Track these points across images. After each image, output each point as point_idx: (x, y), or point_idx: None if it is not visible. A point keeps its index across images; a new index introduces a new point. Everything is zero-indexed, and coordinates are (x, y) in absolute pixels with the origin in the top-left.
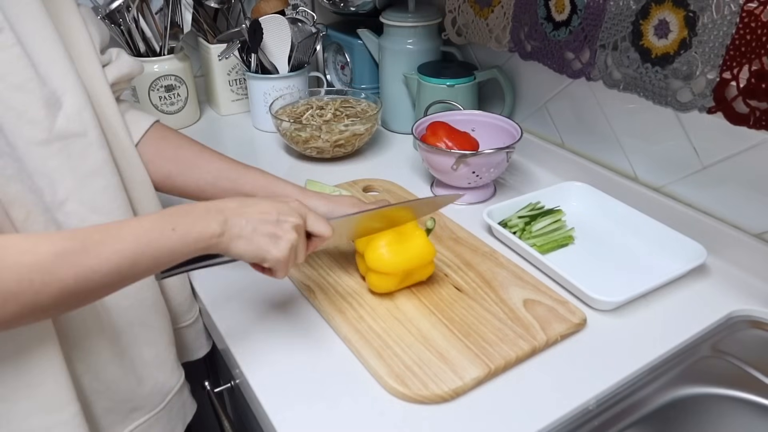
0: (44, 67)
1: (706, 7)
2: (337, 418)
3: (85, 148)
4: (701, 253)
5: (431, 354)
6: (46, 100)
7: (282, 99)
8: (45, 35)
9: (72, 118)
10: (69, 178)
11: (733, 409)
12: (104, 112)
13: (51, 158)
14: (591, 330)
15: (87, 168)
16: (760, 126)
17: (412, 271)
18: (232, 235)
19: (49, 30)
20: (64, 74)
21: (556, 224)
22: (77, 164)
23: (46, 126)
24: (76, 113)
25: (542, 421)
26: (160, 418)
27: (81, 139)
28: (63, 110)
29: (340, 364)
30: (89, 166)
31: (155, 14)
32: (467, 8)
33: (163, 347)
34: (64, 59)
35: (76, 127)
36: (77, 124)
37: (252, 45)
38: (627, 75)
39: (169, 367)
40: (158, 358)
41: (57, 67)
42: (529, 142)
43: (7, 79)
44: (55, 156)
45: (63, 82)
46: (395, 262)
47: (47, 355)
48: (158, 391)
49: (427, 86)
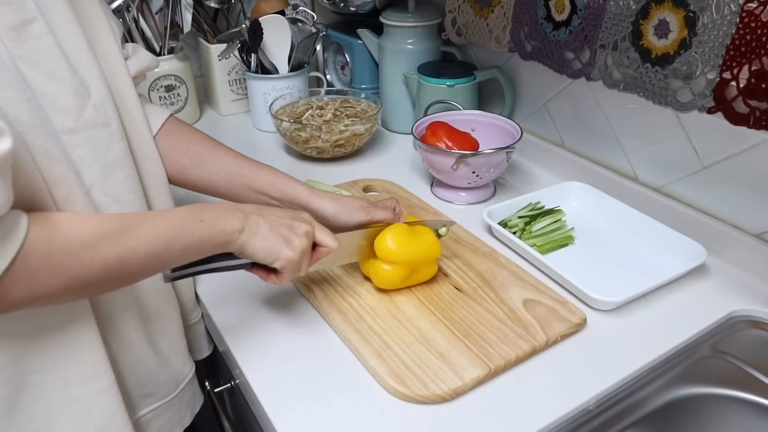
0: (73, 58)
1: (706, 7)
2: (336, 418)
3: (109, 138)
4: (701, 253)
5: (431, 354)
6: (76, 89)
7: (282, 99)
8: (71, 27)
9: (98, 108)
10: (94, 168)
11: (733, 409)
12: (125, 104)
13: (79, 147)
14: (591, 330)
15: (110, 158)
16: (760, 126)
17: (417, 266)
18: (251, 232)
19: (74, 23)
20: (89, 65)
21: (556, 224)
22: (102, 154)
23: (75, 115)
24: (101, 104)
25: (542, 421)
26: (171, 405)
27: (105, 129)
28: (91, 100)
29: (340, 364)
30: (112, 157)
31: (155, 14)
32: (467, 8)
33: (177, 337)
34: (88, 51)
35: (102, 117)
36: (102, 114)
37: (252, 45)
38: (627, 75)
39: (182, 356)
40: (173, 347)
41: (83, 58)
42: (529, 142)
43: (40, 67)
44: (83, 145)
45: (89, 72)
46: (403, 252)
47: (85, 328)
48: (173, 379)
49: (427, 86)
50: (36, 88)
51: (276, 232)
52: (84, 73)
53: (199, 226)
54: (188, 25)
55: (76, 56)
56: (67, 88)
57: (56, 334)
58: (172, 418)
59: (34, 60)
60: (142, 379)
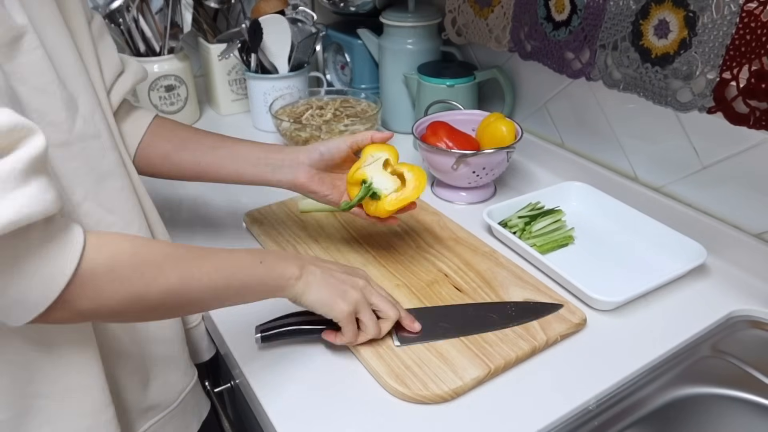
0: (63, 70)
1: (706, 7)
2: (336, 418)
3: (101, 149)
4: (701, 253)
5: (431, 354)
6: (66, 102)
7: (282, 99)
8: (61, 38)
9: (87, 120)
10: (88, 180)
11: (733, 409)
12: (108, 116)
13: (71, 160)
14: (591, 330)
15: (104, 169)
16: (760, 126)
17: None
18: (308, 281)
19: (65, 33)
20: (77, 76)
21: (556, 224)
22: (95, 165)
23: (66, 128)
24: (90, 116)
25: (542, 421)
26: (174, 415)
27: (96, 140)
28: (80, 112)
29: (340, 364)
30: (105, 167)
31: (155, 14)
32: (467, 8)
33: (178, 347)
34: (77, 63)
35: (92, 129)
36: (92, 126)
37: (252, 45)
38: (627, 75)
39: (183, 366)
40: (172, 356)
41: (72, 69)
42: (529, 142)
43: (31, 82)
44: (75, 158)
45: (77, 84)
46: None
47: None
48: (175, 388)
49: (427, 86)
50: (28, 104)
51: (331, 283)
52: (72, 86)
53: (259, 267)
54: (188, 25)
55: (66, 68)
56: (57, 102)
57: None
58: (178, 426)
59: (24, 75)
60: (143, 392)
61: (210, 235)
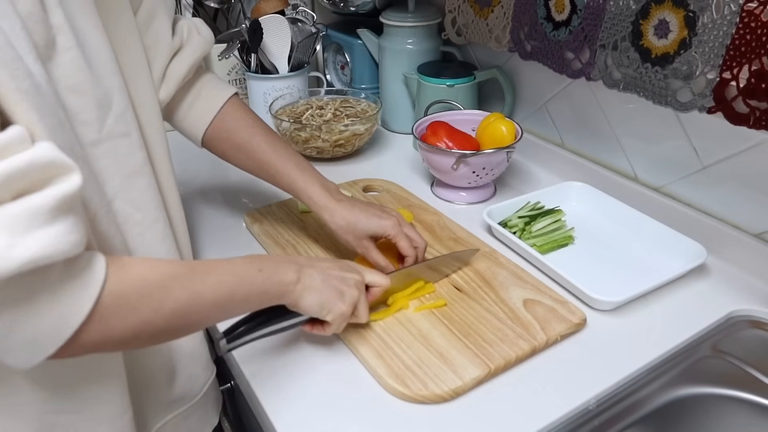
0: (98, 69)
1: (706, 7)
2: (336, 418)
3: (130, 147)
4: (701, 253)
5: (431, 354)
6: (99, 101)
7: (282, 99)
8: (97, 34)
9: (119, 118)
10: (116, 178)
11: (733, 409)
12: (146, 113)
13: (101, 158)
14: (591, 330)
15: (132, 167)
16: (760, 126)
17: None
18: (305, 286)
19: (100, 29)
20: (112, 74)
21: (556, 224)
22: (124, 163)
23: (97, 127)
24: (122, 114)
25: (542, 421)
26: (198, 407)
27: (126, 139)
28: (113, 111)
29: (340, 364)
30: (133, 165)
31: None
32: (467, 8)
33: (200, 341)
34: (112, 61)
35: (122, 127)
36: (123, 125)
37: (252, 45)
38: (627, 75)
39: (205, 360)
40: (196, 351)
41: (107, 68)
42: (529, 142)
43: (66, 82)
44: (105, 156)
45: (111, 82)
46: None
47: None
48: (195, 382)
49: (427, 86)
50: (63, 104)
51: (329, 284)
52: (107, 84)
53: (259, 276)
54: None
55: (101, 67)
56: (90, 101)
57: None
58: (201, 417)
59: (59, 76)
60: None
61: (210, 235)
